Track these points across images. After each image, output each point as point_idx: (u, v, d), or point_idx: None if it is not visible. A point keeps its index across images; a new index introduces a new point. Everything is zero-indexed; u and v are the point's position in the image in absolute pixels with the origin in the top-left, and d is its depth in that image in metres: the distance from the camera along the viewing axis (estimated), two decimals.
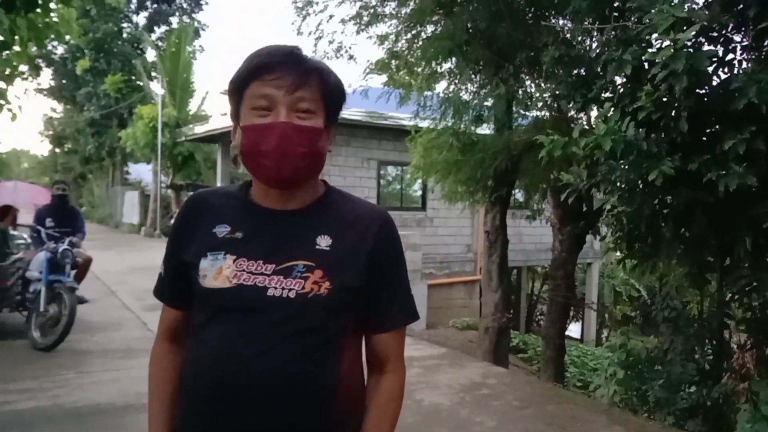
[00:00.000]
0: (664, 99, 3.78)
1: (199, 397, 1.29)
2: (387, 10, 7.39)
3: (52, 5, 5.64)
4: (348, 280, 1.29)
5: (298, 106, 1.25)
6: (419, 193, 14.43)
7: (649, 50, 3.92)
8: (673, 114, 3.84)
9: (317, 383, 1.26)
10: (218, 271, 1.28)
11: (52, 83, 31.61)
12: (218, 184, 20.43)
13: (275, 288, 1.25)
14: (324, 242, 1.30)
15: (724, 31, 4.11)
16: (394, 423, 1.39)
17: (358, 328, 1.36)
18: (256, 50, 1.31)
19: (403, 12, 7.17)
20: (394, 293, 1.38)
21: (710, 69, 3.92)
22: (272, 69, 1.26)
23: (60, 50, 28.77)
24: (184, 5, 29.50)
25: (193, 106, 23.10)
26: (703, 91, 3.98)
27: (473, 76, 7.15)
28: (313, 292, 1.25)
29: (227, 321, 1.27)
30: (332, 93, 1.31)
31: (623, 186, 4.33)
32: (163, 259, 1.44)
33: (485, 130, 8.00)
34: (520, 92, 6.82)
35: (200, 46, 28.38)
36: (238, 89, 1.29)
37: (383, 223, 1.37)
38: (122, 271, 11.88)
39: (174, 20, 28.84)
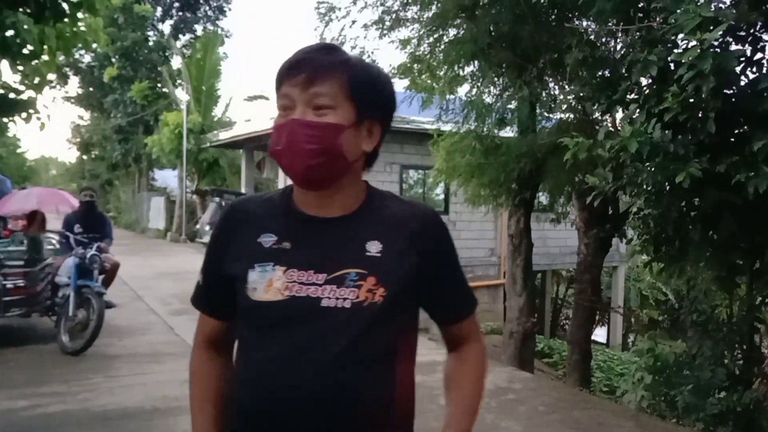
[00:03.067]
0: (691, 100, 3.73)
1: (256, 417, 1.24)
2: (409, 14, 7.39)
3: (80, 15, 5.74)
4: (402, 285, 1.25)
5: (314, 102, 1.20)
6: (442, 196, 14.39)
7: (675, 51, 3.88)
8: (700, 115, 3.79)
9: (377, 396, 1.23)
10: (269, 284, 1.23)
11: (80, 91, 32.16)
12: (243, 190, 20.61)
13: (329, 298, 1.21)
14: (374, 248, 1.25)
15: (752, 30, 4.05)
16: (482, 386, 1.39)
17: (414, 334, 1.35)
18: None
19: (425, 16, 7.17)
20: (455, 284, 1.37)
21: (738, 69, 3.86)
22: (293, 67, 1.23)
23: (87, 58, 29.29)
24: (209, 13, 29.87)
25: (217, 113, 23.34)
26: (731, 91, 3.92)
27: (496, 79, 7.12)
28: (368, 300, 1.21)
29: (280, 336, 1.22)
30: (363, 86, 1.24)
31: (650, 188, 4.28)
32: (202, 267, 1.40)
33: (508, 133, 7.95)
34: (544, 94, 6.78)
35: (224, 53, 28.61)
36: (276, 92, 1.27)
37: (430, 220, 1.34)
38: (149, 276, 12.01)
39: (198, 28, 29.22)
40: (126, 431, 4.36)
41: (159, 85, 25.23)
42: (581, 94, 5.46)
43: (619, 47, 5.54)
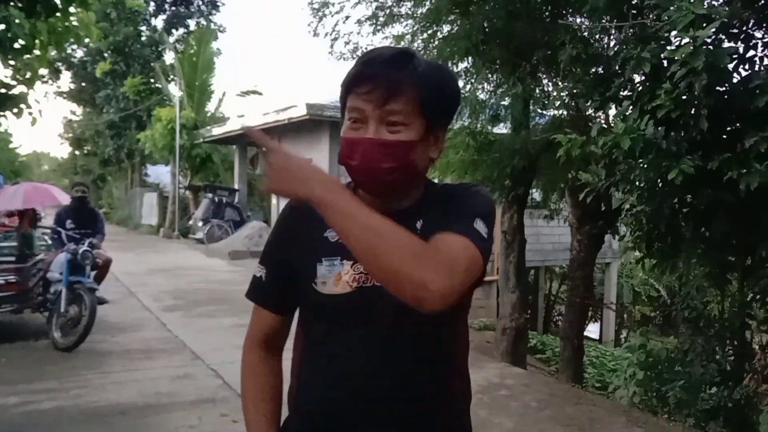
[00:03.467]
0: (684, 97, 3.74)
1: (331, 414, 1.26)
2: (403, 10, 7.38)
3: (72, 9, 5.71)
4: None
5: (389, 119, 1.20)
6: None
7: (668, 48, 3.89)
8: (692, 112, 3.80)
9: (444, 386, 1.28)
10: (337, 277, 1.25)
11: (72, 86, 31.98)
12: (236, 186, 20.57)
13: None
14: (418, 225, 1.25)
15: (744, 28, 4.06)
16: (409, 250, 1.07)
17: (465, 319, 1.37)
18: (363, 54, 1.28)
19: (419, 12, 7.16)
20: (452, 213, 1.23)
21: (731, 66, 3.88)
22: (364, 81, 1.21)
23: (79, 53, 29.11)
24: (202, 8, 29.74)
25: (210, 108, 23.30)
26: (724, 88, 3.93)
27: (490, 75, 7.12)
28: None
29: (349, 329, 1.25)
30: (433, 99, 1.23)
31: (642, 185, 4.29)
32: (262, 259, 1.40)
33: (502, 129, 7.96)
34: (538, 91, 6.79)
35: (218, 48, 28.51)
36: (342, 98, 1.27)
37: (462, 187, 1.33)
38: (142, 272, 11.98)
39: (191, 23, 29.10)
40: (119, 427, 4.35)
41: (152, 80, 25.12)
42: (574, 91, 5.47)
43: (612, 44, 5.54)
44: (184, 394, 5.04)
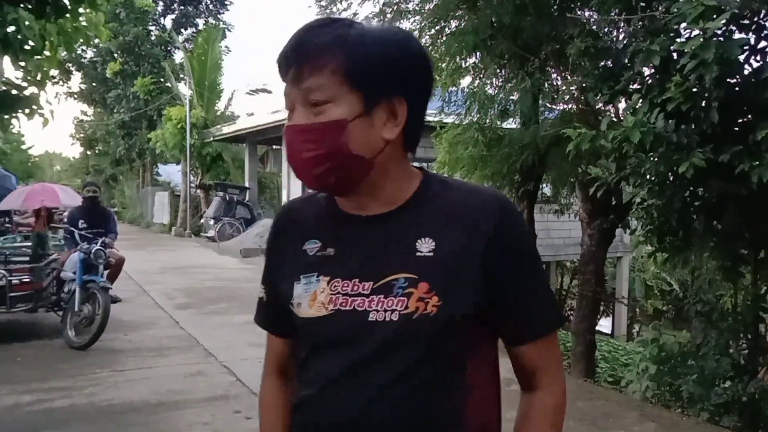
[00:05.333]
0: (694, 89, 3.71)
1: None
2: (410, 6, 7.36)
3: (81, 10, 5.73)
4: (461, 292, 1.03)
5: (310, 98, 1.01)
6: None
7: (678, 40, 3.86)
8: (703, 105, 3.78)
9: (439, 424, 1.04)
10: (312, 297, 1.08)
11: (83, 87, 32.17)
12: (246, 184, 20.63)
13: (377, 311, 1.02)
14: (425, 246, 1.04)
15: (756, 18, 4.02)
16: None
17: (489, 343, 1.13)
18: None
19: (426, 8, 7.14)
20: (529, 294, 1.09)
21: (741, 58, 3.85)
22: (284, 58, 1.04)
23: (90, 54, 29.27)
24: (210, 6, 29.82)
25: (220, 107, 23.37)
26: (735, 80, 3.90)
27: (498, 70, 7.10)
28: (418, 311, 1.01)
29: (326, 356, 1.07)
30: (365, 63, 1.00)
31: (653, 179, 4.27)
32: (262, 280, 1.26)
33: (511, 124, 7.93)
34: (546, 85, 6.75)
35: (226, 46, 28.58)
36: None
37: (499, 210, 1.07)
38: (154, 271, 12.04)
39: (200, 22, 29.19)
40: (131, 425, 4.38)
41: (162, 79, 25.23)
42: (584, 85, 5.43)
43: (621, 37, 5.51)
44: (196, 391, 5.07)
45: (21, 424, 4.35)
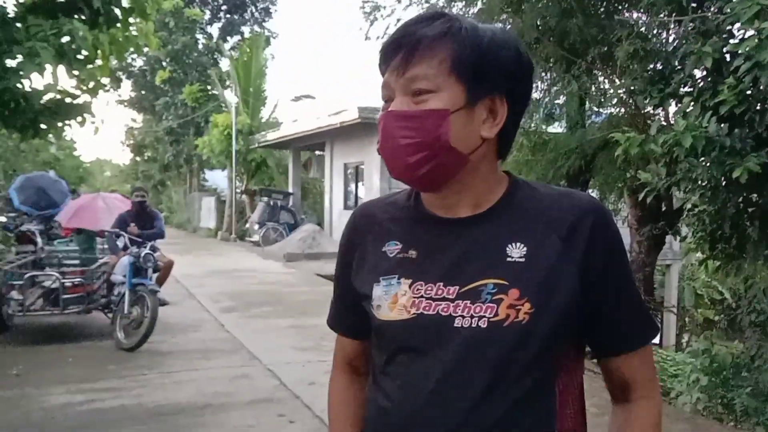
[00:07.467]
0: (748, 92, 3.60)
1: None
2: (455, 10, 7.33)
3: (132, 20, 5.89)
4: (554, 299, 0.99)
5: (413, 87, 1.00)
6: None
7: (731, 41, 3.75)
8: (758, 107, 3.65)
9: (536, 426, 1.01)
10: (393, 300, 1.04)
11: (132, 94, 33.02)
12: (290, 189, 20.86)
13: (462, 317, 0.99)
14: (517, 252, 1.01)
15: None
16: None
17: (578, 352, 1.10)
18: None
19: (470, 12, 7.12)
20: (625, 304, 1.07)
21: None
22: (389, 49, 1.03)
23: (139, 62, 30.08)
24: (255, 15, 30.32)
25: (265, 114, 23.68)
26: None
27: (543, 73, 7.02)
28: (509, 319, 0.97)
29: (408, 363, 1.03)
30: (470, 57, 0.99)
31: (705, 184, 4.15)
32: (334, 283, 1.25)
33: (557, 128, 7.84)
34: (593, 89, 6.65)
35: (271, 54, 28.99)
36: None
37: (596, 217, 1.04)
38: (200, 275, 12.25)
39: (245, 30, 29.70)
40: (178, 426, 4.45)
41: (209, 87, 25.73)
42: (632, 88, 5.33)
43: (671, 39, 5.40)
44: (241, 393, 5.13)
45: (73, 422, 4.47)
